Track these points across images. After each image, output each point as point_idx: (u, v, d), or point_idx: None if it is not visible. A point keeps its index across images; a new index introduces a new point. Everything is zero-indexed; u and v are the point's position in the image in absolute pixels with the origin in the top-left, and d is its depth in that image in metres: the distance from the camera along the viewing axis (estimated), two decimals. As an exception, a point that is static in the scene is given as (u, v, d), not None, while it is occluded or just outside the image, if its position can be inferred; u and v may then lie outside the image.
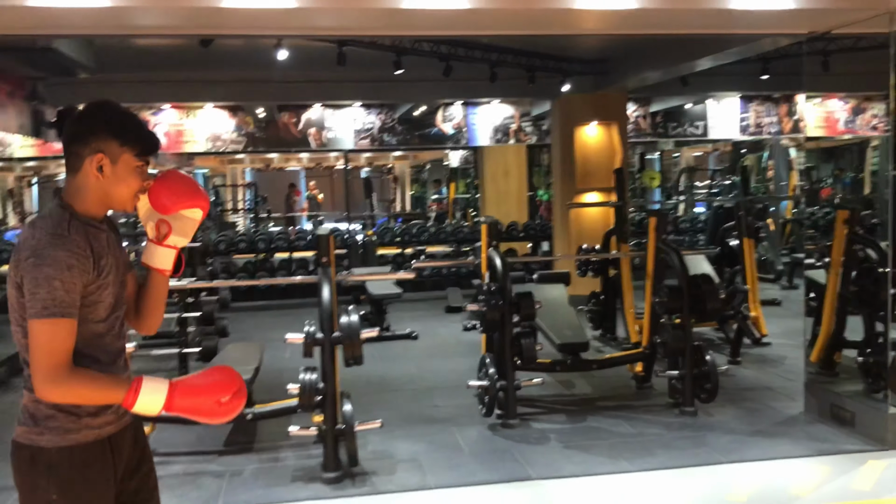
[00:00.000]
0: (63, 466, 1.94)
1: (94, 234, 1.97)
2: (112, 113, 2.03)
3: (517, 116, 12.19)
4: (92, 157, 1.97)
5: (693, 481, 4.25)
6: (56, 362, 1.85)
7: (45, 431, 1.93)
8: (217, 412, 1.95)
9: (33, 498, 1.95)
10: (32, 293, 1.85)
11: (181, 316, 6.83)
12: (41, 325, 1.84)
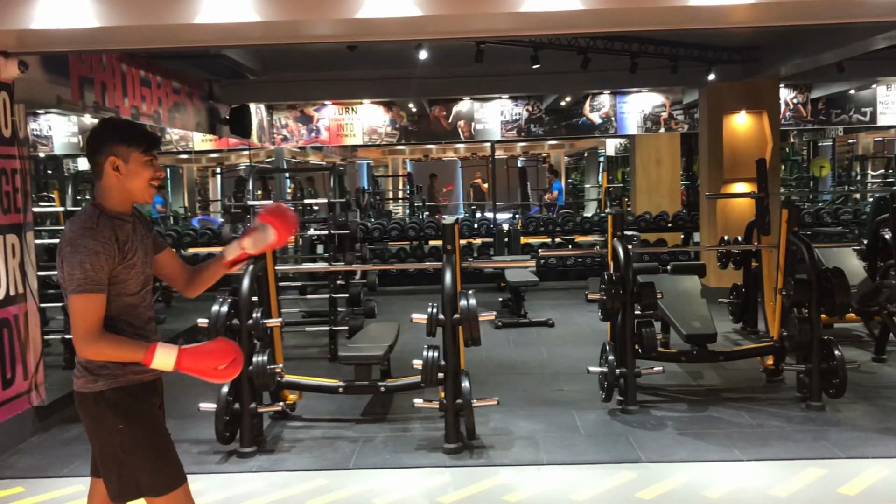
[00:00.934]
0: (120, 401, 2.50)
1: (120, 225, 2.49)
2: (116, 124, 2.57)
3: (668, 104, 12.06)
4: (107, 161, 2.48)
5: (803, 473, 4.26)
6: (88, 327, 2.39)
7: (99, 379, 2.49)
8: (215, 376, 2.49)
9: (104, 431, 2.51)
10: (70, 274, 2.39)
11: (332, 297, 7.45)
12: (76, 299, 2.39)
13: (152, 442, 2.55)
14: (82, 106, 6.28)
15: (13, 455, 4.91)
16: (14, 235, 5.17)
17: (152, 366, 2.46)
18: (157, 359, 2.45)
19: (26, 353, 5.24)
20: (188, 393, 5.85)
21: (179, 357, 2.46)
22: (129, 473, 2.52)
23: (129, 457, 2.50)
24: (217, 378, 2.54)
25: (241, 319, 4.81)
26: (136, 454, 2.51)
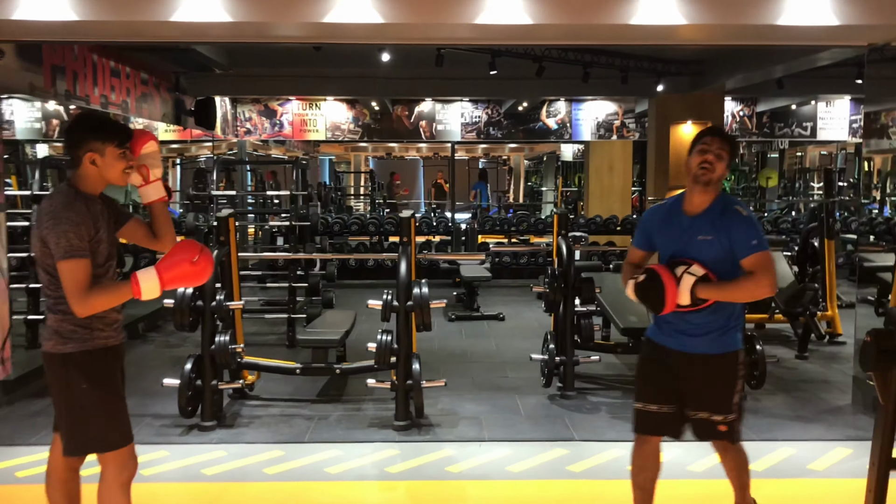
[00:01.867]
0: (87, 363, 2.81)
1: (92, 205, 2.81)
2: (91, 121, 2.90)
3: (620, 113, 12.56)
4: (85, 156, 2.79)
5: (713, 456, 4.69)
6: (80, 288, 2.70)
7: (69, 342, 2.80)
8: (196, 270, 2.77)
9: (67, 389, 2.82)
10: (56, 244, 2.70)
11: (291, 286, 7.75)
12: (66, 265, 2.71)
13: (108, 403, 2.86)
14: (54, 93, 6.49)
15: (-20, 425, 5.14)
16: (-13, 215, 5.39)
17: (143, 295, 2.72)
18: (144, 286, 2.72)
19: (-5, 328, 5.46)
20: (152, 371, 6.10)
21: (159, 274, 2.73)
22: (84, 429, 2.83)
23: (86, 414, 2.82)
24: (199, 277, 2.80)
25: (205, 301, 5.10)
26: (93, 412, 2.82)
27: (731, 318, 3.12)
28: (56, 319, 2.82)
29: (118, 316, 2.95)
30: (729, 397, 3.14)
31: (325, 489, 4.17)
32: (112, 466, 2.89)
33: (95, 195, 2.87)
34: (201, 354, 5.11)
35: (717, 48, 8.45)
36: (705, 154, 3.06)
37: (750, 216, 3.06)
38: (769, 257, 3.01)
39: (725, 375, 3.14)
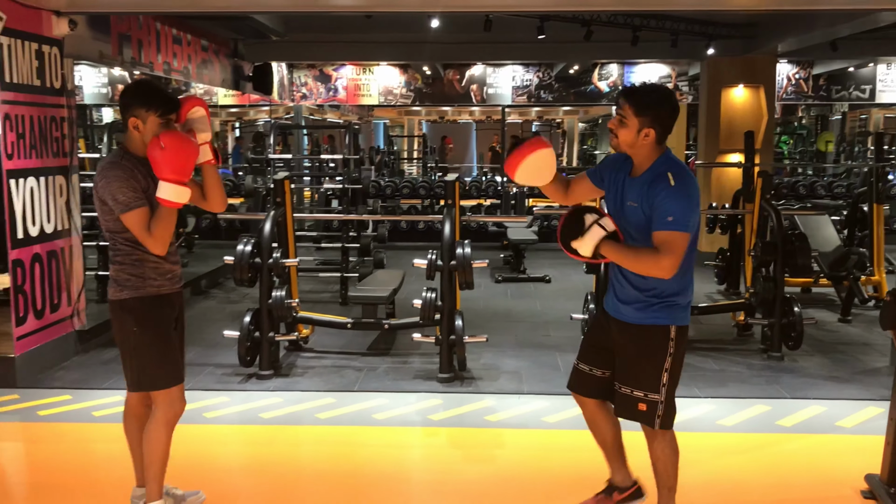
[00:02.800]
0: (137, 309, 3.10)
1: (138, 165, 3.04)
2: (140, 89, 3.09)
3: (673, 76, 12.49)
4: (129, 121, 3.03)
5: (750, 409, 4.86)
6: (146, 233, 2.99)
7: (124, 289, 3.10)
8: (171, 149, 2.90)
9: (123, 330, 3.14)
10: (114, 201, 2.97)
11: (344, 246, 8.07)
12: (128, 217, 2.99)
13: (158, 345, 3.14)
14: (121, 61, 6.85)
15: (60, 370, 5.58)
16: (62, 177, 5.78)
17: (170, 198, 2.94)
18: (165, 194, 2.94)
19: (70, 282, 5.89)
20: (214, 324, 6.50)
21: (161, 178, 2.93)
22: (137, 368, 3.15)
23: (138, 355, 3.13)
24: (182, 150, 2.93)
25: (263, 258, 5.42)
26: (144, 354, 3.12)
27: (663, 295, 2.91)
28: (115, 269, 3.11)
29: (172, 266, 3.20)
30: (654, 374, 2.93)
31: (371, 433, 4.48)
32: (161, 404, 3.18)
33: (141, 157, 3.05)
34: (259, 308, 5.46)
35: (770, 11, 8.39)
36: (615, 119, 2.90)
37: (679, 188, 2.77)
38: (679, 239, 2.75)
39: (652, 349, 2.94)
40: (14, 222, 5.19)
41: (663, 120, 2.84)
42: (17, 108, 5.23)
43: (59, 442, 4.38)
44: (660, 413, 2.98)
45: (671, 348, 2.93)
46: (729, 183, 9.92)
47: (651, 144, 2.85)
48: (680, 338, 2.95)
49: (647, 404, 2.97)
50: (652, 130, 2.82)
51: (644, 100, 2.84)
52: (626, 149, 2.90)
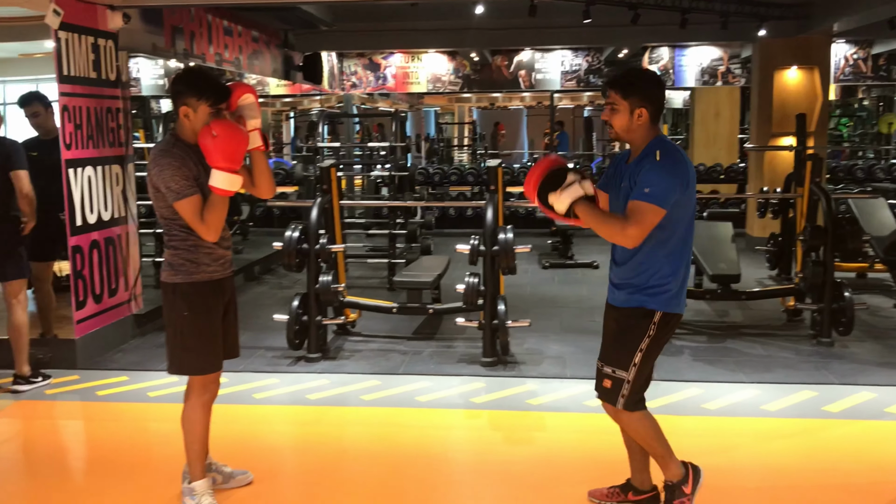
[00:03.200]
0: (189, 293, 3.19)
1: (190, 151, 3.11)
2: (192, 77, 3.14)
3: (725, 58, 12.26)
4: (181, 109, 3.09)
5: (796, 394, 4.81)
6: (199, 219, 3.08)
7: (178, 273, 3.19)
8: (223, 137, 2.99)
9: (173, 313, 3.23)
10: (167, 188, 3.05)
11: (391, 233, 8.17)
12: (181, 205, 3.07)
13: (203, 331, 3.23)
14: (173, 52, 7.04)
15: (117, 353, 5.80)
16: (118, 166, 5.99)
17: (223, 186, 3.04)
18: (217, 182, 3.03)
19: (127, 267, 6.10)
20: (266, 309, 6.67)
21: (213, 165, 3.02)
22: (181, 351, 3.24)
23: (184, 339, 3.22)
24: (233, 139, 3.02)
25: (310, 244, 5.54)
26: (189, 338, 3.22)
27: (652, 280, 2.92)
28: (169, 253, 3.22)
29: (225, 252, 3.31)
30: (627, 352, 2.96)
31: (414, 414, 4.57)
32: (196, 388, 3.29)
33: (194, 144, 3.11)
34: (307, 293, 5.59)
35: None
36: (606, 110, 2.96)
37: (664, 164, 2.81)
38: (651, 212, 2.76)
39: (631, 327, 2.97)
40: (73, 210, 5.40)
41: (652, 97, 2.88)
42: (74, 100, 5.43)
43: (117, 421, 4.57)
44: (624, 393, 3.00)
45: (651, 331, 2.94)
46: (781, 167, 9.72)
47: (646, 125, 2.89)
48: (664, 324, 2.96)
49: (612, 381, 3.00)
50: (643, 109, 2.86)
51: (628, 81, 2.90)
52: (623, 135, 2.93)
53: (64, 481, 3.80)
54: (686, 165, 2.87)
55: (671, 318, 2.97)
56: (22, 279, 5.01)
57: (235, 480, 3.57)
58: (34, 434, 4.53)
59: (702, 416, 4.50)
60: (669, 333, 3.02)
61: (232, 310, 3.43)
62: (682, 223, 2.89)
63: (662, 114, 2.95)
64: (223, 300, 3.32)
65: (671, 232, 2.87)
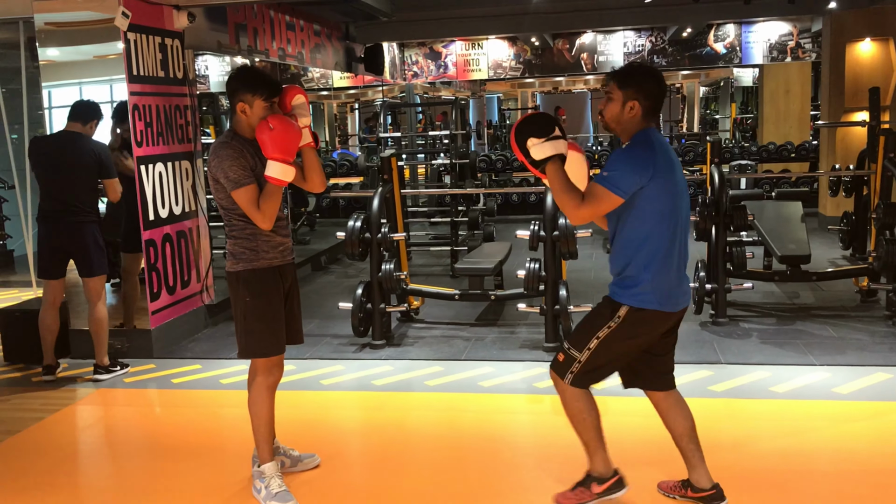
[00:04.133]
0: (251, 280, 3.30)
1: (246, 145, 3.23)
2: (245, 74, 3.29)
3: (795, 33, 11.89)
4: (238, 105, 3.21)
5: (869, 377, 4.68)
6: (255, 207, 3.18)
7: (239, 262, 3.30)
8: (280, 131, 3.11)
9: (238, 300, 3.35)
10: (226, 178, 3.17)
11: (453, 220, 8.22)
12: (238, 194, 3.18)
13: (265, 316, 3.33)
14: (238, 49, 7.21)
15: (191, 342, 6.01)
16: (187, 162, 6.18)
17: (279, 176, 3.15)
18: (273, 172, 3.14)
19: (199, 260, 6.30)
20: (332, 298, 6.81)
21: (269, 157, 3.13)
22: (245, 335, 3.36)
23: (248, 324, 3.34)
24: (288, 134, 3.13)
25: (372, 233, 5.63)
26: (253, 323, 3.33)
27: (625, 272, 2.92)
28: (230, 243, 3.34)
29: (283, 239, 3.40)
30: (586, 334, 2.97)
31: (477, 399, 4.62)
32: (260, 371, 3.40)
33: (251, 138, 3.24)
34: (370, 281, 5.68)
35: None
36: (603, 99, 2.98)
37: (628, 149, 2.86)
38: (603, 195, 2.79)
39: (595, 312, 3.02)
40: (145, 205, 5.61)
41: (647, 92, 2.87)
42: (144, 99, 5.62)
43: (191, 406, 4.75)
44: (573, 370, 3.00)
45: (613, 323, 2.93)
46: (853, 143, 9.41)
47: (636, 119, 2.89)
48: (633, 319, 2.91)
49: (565, 356, 3.02)
50: (636, 103, 2.86)
51: (626, 72, 2.94)
52: (613, 125, 2.93)
53: (142, 465, 3.97)
54: (656, 157, 2.82)
55: (643, 315, 2.91)
56: (104, 275, 5.24)
57: (303, 464, 3.68)
58: (114, 420, 4.75)
59: (771, 399, 4.42)
60: (645, 330, 2.96)
61: (295, 296, 3.53)
62: (662, 218, 2.84)
63: (658, 112, 2.95)
64: (284, 286, 3.42)
65: (649, 226, 2.84)
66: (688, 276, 3.05)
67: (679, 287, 2.96)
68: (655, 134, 2.91)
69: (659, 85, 2.92)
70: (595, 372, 3.03)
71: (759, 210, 6.86)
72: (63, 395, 5.00)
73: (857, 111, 9.45)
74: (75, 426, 4.61)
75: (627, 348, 3.01)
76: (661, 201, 2.83)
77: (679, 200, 2.89)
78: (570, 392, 3.05)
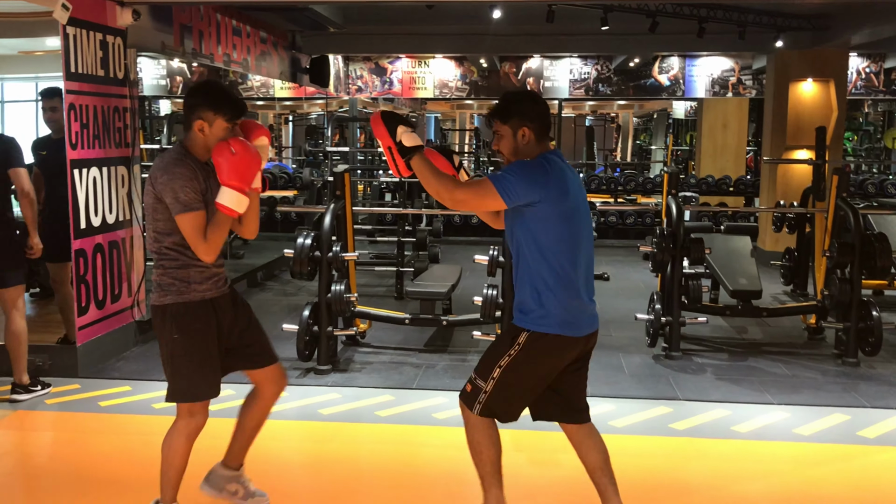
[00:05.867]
0: (179, 315, 2.95)
1: (199, 167, 2.94)
2: (209, 90, 2.98)
3: (737, 69, 12.13)
4: (195, 122, 2.91)
5: (828, 417, 4.63)
6: (201, 236, 2.87)
7: (167, 294, 2.95)
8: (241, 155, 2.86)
9: (163, 338, 3.00)
10: (174, 199, 2.84)
11: (399, 240, 7.98)
12: (184, 218, 2.86)
13: (194, 355, 2.98)
14: (182, 52, 6.85)
15: (119, 360, 5.59)
16: (124, 167, 5.79)
17: (232, 207, 2.88)
18: (226, 201, 2.86)
19: (131, 273, 5.90)
20: (270, 317, 6.46)
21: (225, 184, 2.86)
22: (172, 377, 3.02)
23: (176, 364, 2.99)
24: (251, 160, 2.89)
25: (322, 252, 5.35)
26: (179, 362, 2.98)
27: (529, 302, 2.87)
28: (158, 273, 2.98)
29: (218, 270, 3.04)
30: (489, 364, 2.91)
31: (433, 433, 4.38)
32: (183, 414, 3.05)
33: (203, 160, 2.97)
34: (318, 302, 5.39)
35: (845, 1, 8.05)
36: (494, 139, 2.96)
37: (525, 163, 2.81)
38: (487, 188, 2.76)
39: (498, 341, 3.02)
40: (77, 212, 5.20)
41: (530, 114, 2.86)
42: (81, 98, 5.23)
43: (122, 433, 4.37)
44: (480, 400, 2.92)
45: (513, 350, 2.86)
46: (794, 180, 9.58)
47: (532, 143, 2.87)
48: (530, 345, 2.85)
49: (472, 386, 2.95)
50: (525, 129, 2.85)
51: (504, 106, 2.90)
52: (513, 158, 2.89)
53: (65, 500, 3.59)
54: (549, 179, 2.78)
55: (544, 340, 2.84)
56: (20, 285, 4.80)
57: (254, 500, 3.37)
58: (34, 448, 4.34)
59: (733, 440, 4.31)
60: (547, 357, 2.88)
61: (248, 321, 3.21)
62: (560, 241, 2.79)
63: (549, 130, 2.93)
64: (219, 321, 3.06)
65: (547, 250, 2.80)
66: (594, 300, 2.99)
67: (582, 312, 2.89)
68: (553, 157, 2.86)
69: (537, 103, 2.92)
70: (504, 403, 2.93)
71: (708, 243, 6.84)
72: (-25, 417, 4.54)
73: (797, 149, 9.64)
74: (-11, 453, 4.17)
75: (531, 376, 2.90)
76: (557, 224, 2.79)
77: (579, 223, 2.85)
78: (476, 422, 2.96)
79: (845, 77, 9.95)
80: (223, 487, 3.31)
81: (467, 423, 2.99)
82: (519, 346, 2.85)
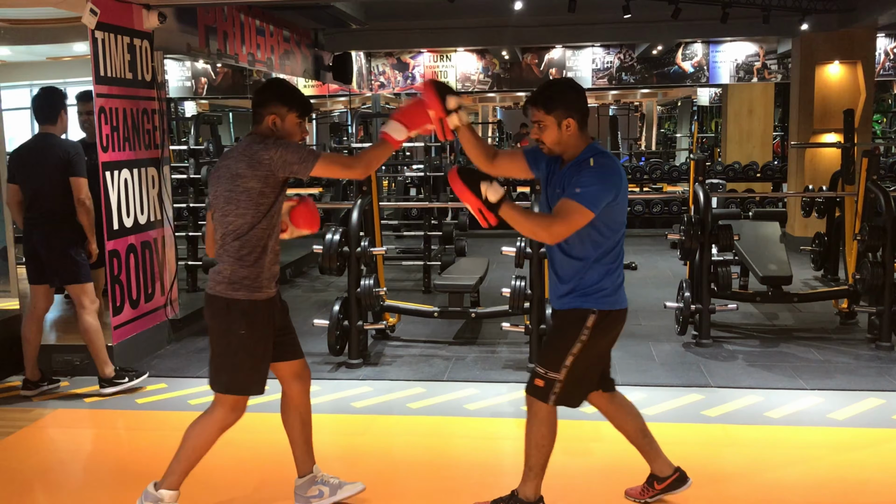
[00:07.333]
0: (250, 313, 3.02)
1: None
2: (281, 87, 3.13)
3: (762, 54, 12.02)
4: (268, 117, 3.01)
5: (862, 402, 4.60)
6: (345, 161, 3.16)
7: (239, 289, 3.02)
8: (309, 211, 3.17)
9: (228, 333, 3.04)
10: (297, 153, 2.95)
11: (426, 234, 8.01)
12: (325, 158, 3.01)
13: (256, 352, 3.06)
14: (207, 52, 6.93)
15: (154, 358, 5.69)
16: (153, 168, 5.87)
17: (391, 133, 3.07)
18: (394, 135, 3.07)
19: (163, 272, 5.99)
20: (301, 313, 6.54)
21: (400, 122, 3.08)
22: (231, 369, 3.07)
23: (237, 359, 3.05)
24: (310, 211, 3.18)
25: (350, 247, 5.40)
26: (242, 356, 3.05)
27: (589, 281, 2.91)
28: (231, 266, 3.01)
29: (277, 268, 3.15)
30: (559, 354, 2.94)
31: (464, 423, 4.41)
32: (226, 407, 3.10)
33: None
34: (348, 297, 5.44)
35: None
36: (534, 128, 2.96)
37: (597, 169, 2.83)
38: (578, 212, 2.76)
39: (563, 330, 2.99)
40: (109, 214, 5.29)
41: (574, 105, 2.89)
42: (110, 102, 5.31)
43: (159, 430, 4.44)
44: (556, 391, 2.98)
45: (584, 335, 2.92)
46: (823, 164, 9.49)
47: (575, 134, 2.90)
48: (599, 326, 2.93)
49: (544, 381, 2.98)
50: (570, 119, 2.88)
51: (548, 95, 2.91)
52: (556, 149, 2.94)
53: (108, 496, 3.66)
54: (619, 175, 2.88)
55: (612, 315, 2.96)
56: (87, 282, 4.89)
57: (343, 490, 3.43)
58: (75, 445, 4.42)
59: (767, 426, 4.30)
60: (615, 330, 3.02)
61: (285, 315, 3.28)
62: (620, 227, 2.94)
63: (587, 118, 2.98)
64: (273, 318, 3.15)
65: (611, 236, 2.91)
66: None
67: (623, 284, 3.05)
68: (607, 152, 2.94)
69: (580, 93, 2.95)
70: (577, 388, 3.04)
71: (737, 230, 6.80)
72: (17, 415, 4.65)
73: (825, 132, 9.53)
74: (30, 451, 4.25)
75: (601, 355, 3.08)
76: (619, 212, 2.91)
77: (626, 204, 2.97)
78: (545, 416, 3.03)
79: (873, 58, 9.81)
80: (306, 496, 3.35)
81: (535, 417, 3.04)
82: (589, 329, 2.92)
